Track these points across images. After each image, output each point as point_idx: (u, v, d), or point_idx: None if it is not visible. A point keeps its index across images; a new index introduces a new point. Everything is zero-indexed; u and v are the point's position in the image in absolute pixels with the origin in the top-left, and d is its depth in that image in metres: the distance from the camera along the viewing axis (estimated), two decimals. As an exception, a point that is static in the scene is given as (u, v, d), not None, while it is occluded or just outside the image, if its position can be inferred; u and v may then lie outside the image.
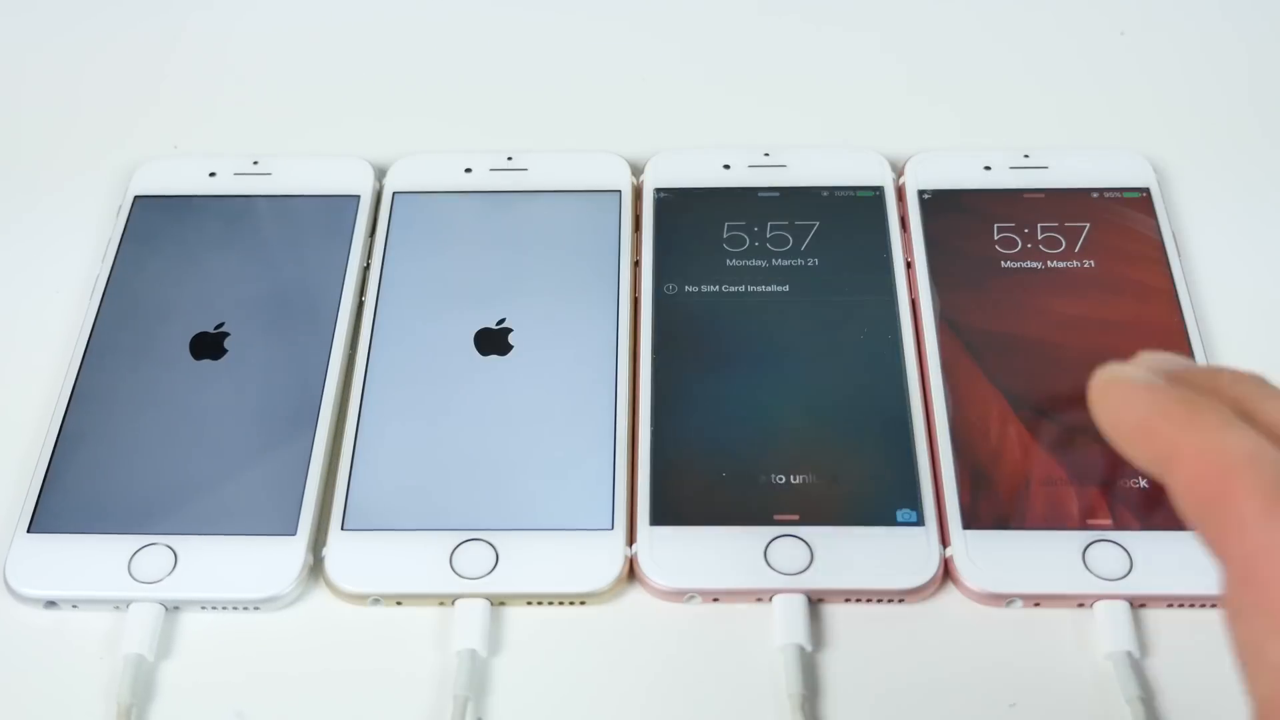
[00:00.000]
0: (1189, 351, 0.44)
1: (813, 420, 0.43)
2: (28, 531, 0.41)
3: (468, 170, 0.50)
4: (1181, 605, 0.39)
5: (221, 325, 0.46)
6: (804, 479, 0.41)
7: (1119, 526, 0.40)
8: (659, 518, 0.41)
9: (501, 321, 0.45)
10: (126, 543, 0.40)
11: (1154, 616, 0.39)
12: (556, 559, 0.40)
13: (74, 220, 0.50)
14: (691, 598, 0.40)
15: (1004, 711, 0.38)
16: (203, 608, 0.40)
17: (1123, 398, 0.28)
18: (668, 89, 0.55)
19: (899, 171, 0.49)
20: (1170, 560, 0.39)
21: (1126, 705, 0.37)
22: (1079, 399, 0.42)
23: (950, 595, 0.40)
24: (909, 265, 0.47)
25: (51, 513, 0.41)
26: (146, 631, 0.39)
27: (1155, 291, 0.45)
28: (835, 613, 0.40)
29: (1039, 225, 0.47)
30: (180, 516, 0.41)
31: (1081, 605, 0.39)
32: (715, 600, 0.40)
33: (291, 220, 0.49)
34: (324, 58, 0.56)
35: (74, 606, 0.40)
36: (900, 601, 0.40)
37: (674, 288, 0.46)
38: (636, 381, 0.44)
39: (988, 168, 0.49)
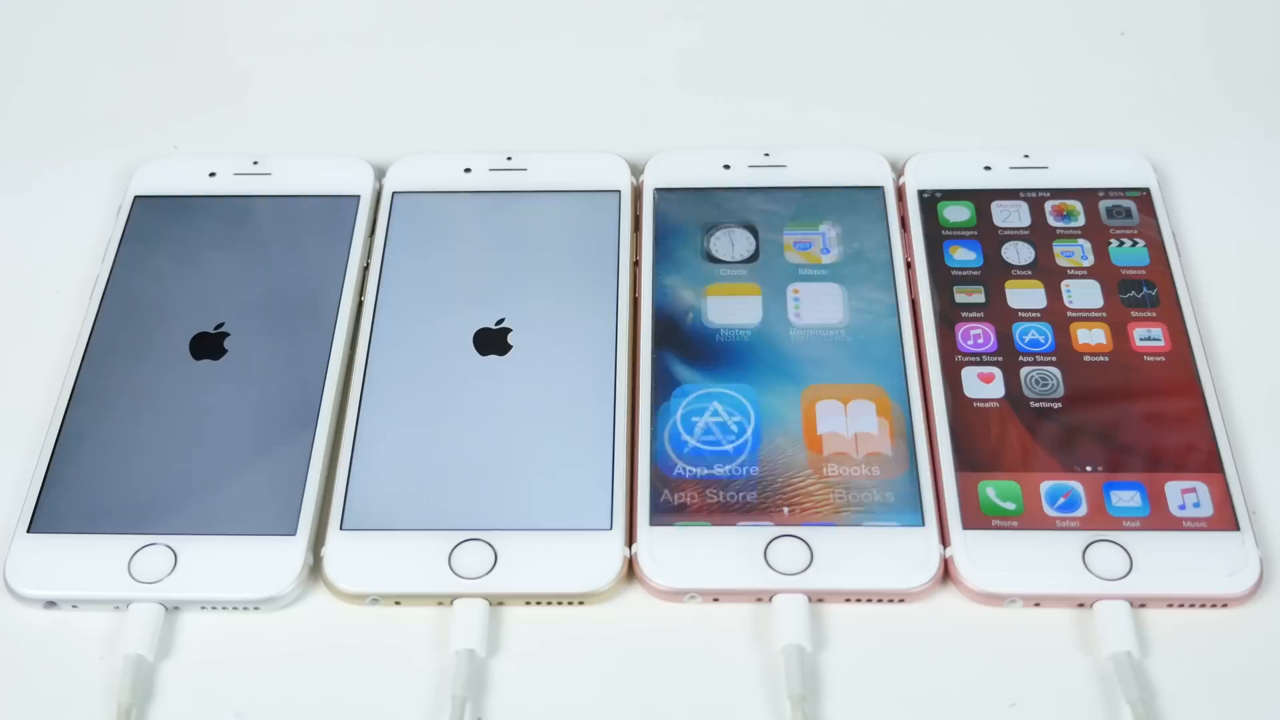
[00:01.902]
0: (1189, 351, 0.44)
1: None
2: (28, 531, 0.41)
3: (467, 170, 0.50)
4: (1181, 605, 0.39)
5: (221, 325, 0.46)
6: (804, 479, 0.41)
7: (1117, 526, 0.40)
8: (659, 518, 0.41)
9: (501, 321, 0.45)
10: (126, 543, 0.40)
11: (1154, 616, 0.39)
12: (555, 559, 0.40)
13: (74, 220, 0.50)
14: (691, 598, 0.40)
15: (1004, 711, 0.38)
16: (203, 608, 0.40)
17: None
18: (668, 89, 0.55)
19: (899, 171, 0.49)
20: (1170, 560, 0.39)
21: (1126, 705, 0.37)
22: (1082, 399, 0.43)
23: (950, 595, 0.40)
24: (909, 265, 0.47)
25: (51, 513, 0.41)
26: (146, 631, 0.39)
27: (1155, 291, 0.45)
28: (835, 613, 0.40)
29: (1039, 225, 0.47)
30: (180, 516, 0.41)
31: (1081, 605, 0.39)
32: (715, 600, 0.40)
33: (291, 220, 0.49)
34: (324, 58, 0.56)
35: (74, 606, 0.40)
36: (900, 601, 0.40)
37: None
38: (636, 381, 0.44)
39: (988, 168, 0.49)
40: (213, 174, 0.50)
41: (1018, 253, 0.47)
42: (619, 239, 0.48)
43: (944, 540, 0.40)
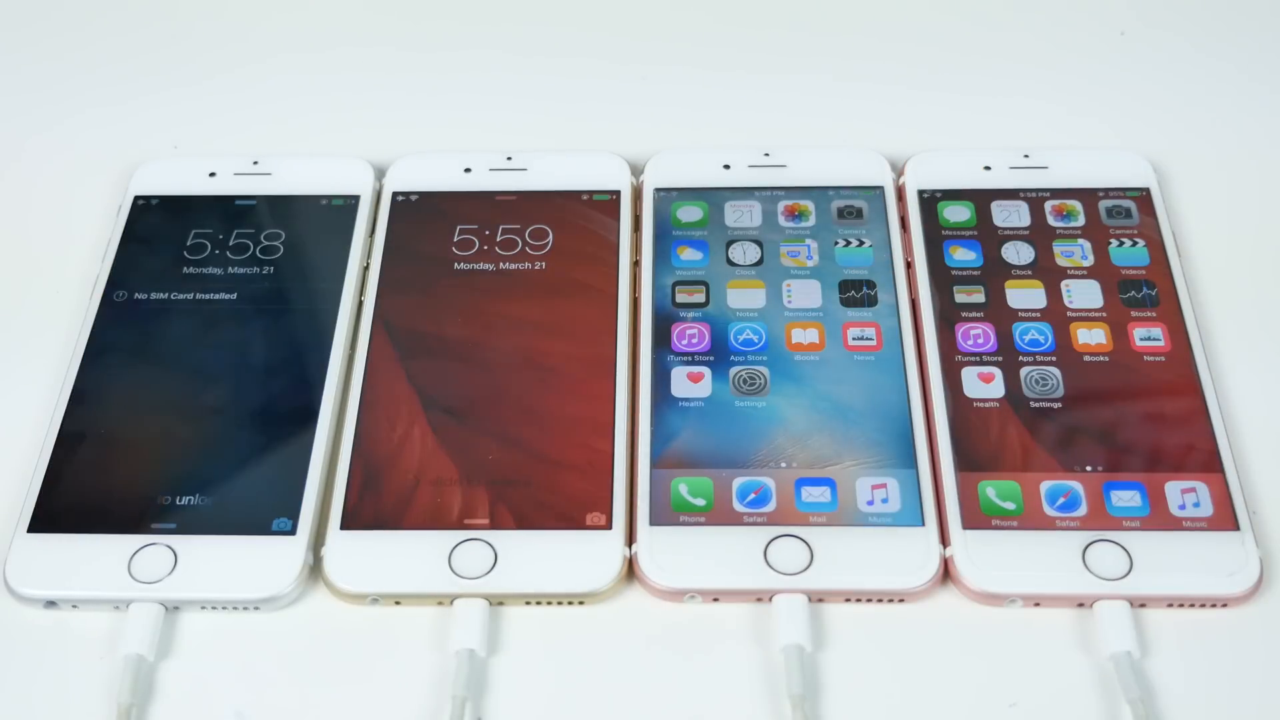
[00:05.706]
0: (1189, 351, 0.44)
1: (809, 420, 0.42)
2: (28, 531, 0.41)
3: (467, 170, 0.50)
4: (1181, 605, 0.39)
5: (222, 325, 0.46)
6: (804, 478, 0.41)
7: (1117, 526, 0.40)
8: (659, 518, 0.41)
9: (501, 321, 0.45)
10: (126, 543, 0.40)
11: (1154, 616, 0.39)
12: (555, 559, 0.40)
13: (74, 220, 0.50)
14: (691, 598, 0.40)
15: (1004, 711, 0.38)
16: (203, 608, 0.40)
17: None
18: (668, 89, 0.55)
19: (899, 171, 0.49)
20: (1170, 560, 0.39)
21: (1127, 705, 0.37)
22: (1082, 399, 0.43)
23: (950, 595, 0.40)
24: (909, 265, 0.47)
25: (51, 513, 0.41)
26: (146, 631, 0.39)
27: (1155, 291, 0.45)
28: (835, 613, 0.40)
29: (1039, 225, 0.47)
30: (180, 516, 0.41)
31: (1081, 605, 0.39)
32: (715, 600, 0.40)
33: (291, 220, 0.49)
34: (324, 57, 0.56)
35: (74, 606, 0.40)
36: (900, 601, 0.40)
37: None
38: (636, 381, 0.44)
39: (988, 168, 0.49)
40: (213, 174, 0.50)
41: (1018, 253, 0.47)
42: (619, 239, 0.48)
43: (944, 540, 0.40)
